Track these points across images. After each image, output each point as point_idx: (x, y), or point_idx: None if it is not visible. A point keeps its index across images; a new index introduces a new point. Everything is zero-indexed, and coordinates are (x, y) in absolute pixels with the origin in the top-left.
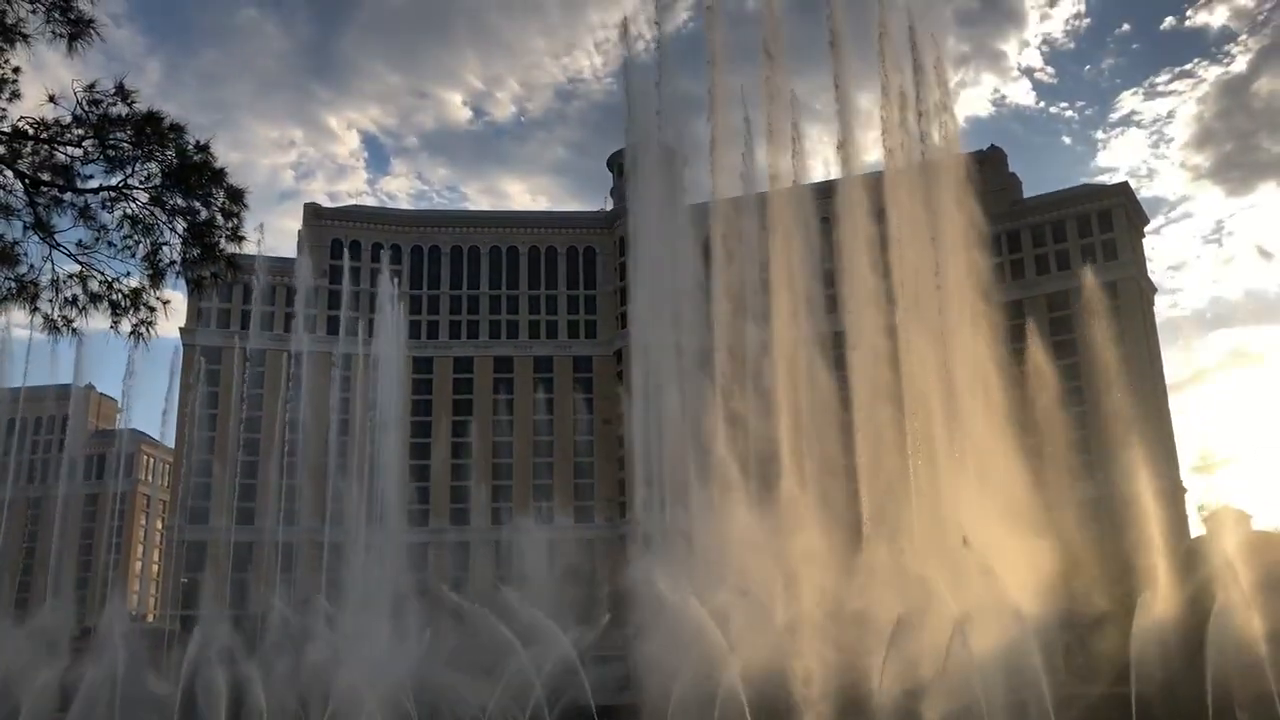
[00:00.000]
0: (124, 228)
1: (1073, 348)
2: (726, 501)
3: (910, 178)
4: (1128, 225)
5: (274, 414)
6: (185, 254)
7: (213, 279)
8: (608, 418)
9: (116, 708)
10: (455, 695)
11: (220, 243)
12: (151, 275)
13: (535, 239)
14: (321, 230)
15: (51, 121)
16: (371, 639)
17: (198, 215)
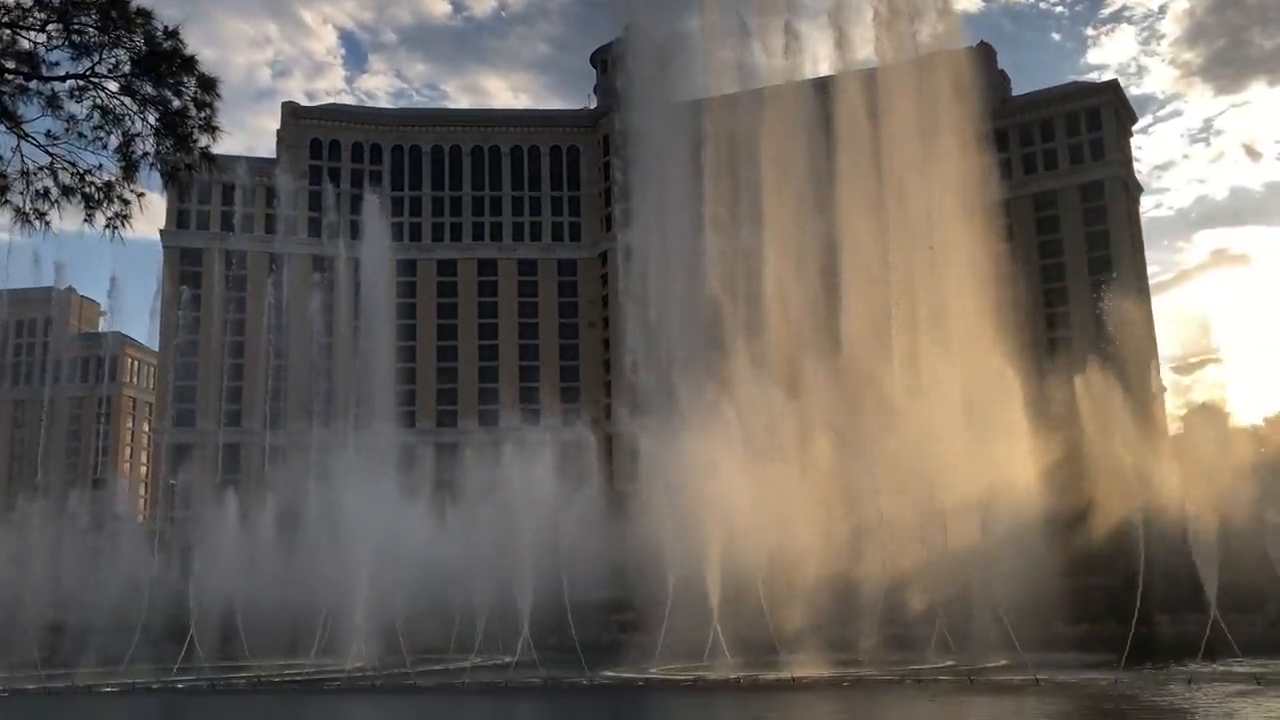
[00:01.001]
0: (94, 118)
1: (1058, 248)
2: (723, 397)
3: (903, 73)
4: (1116, 124)
5: (258, 316)
6: (158, 146)
7: (188, 172)
8: (593, 321)
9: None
10: (443, 595)
11: (194, 134)
12: (124, 168)
13: (518, 139)
14: (300, 130)
15: (13, 4)
16: (363, 539)
17: (169, 105)
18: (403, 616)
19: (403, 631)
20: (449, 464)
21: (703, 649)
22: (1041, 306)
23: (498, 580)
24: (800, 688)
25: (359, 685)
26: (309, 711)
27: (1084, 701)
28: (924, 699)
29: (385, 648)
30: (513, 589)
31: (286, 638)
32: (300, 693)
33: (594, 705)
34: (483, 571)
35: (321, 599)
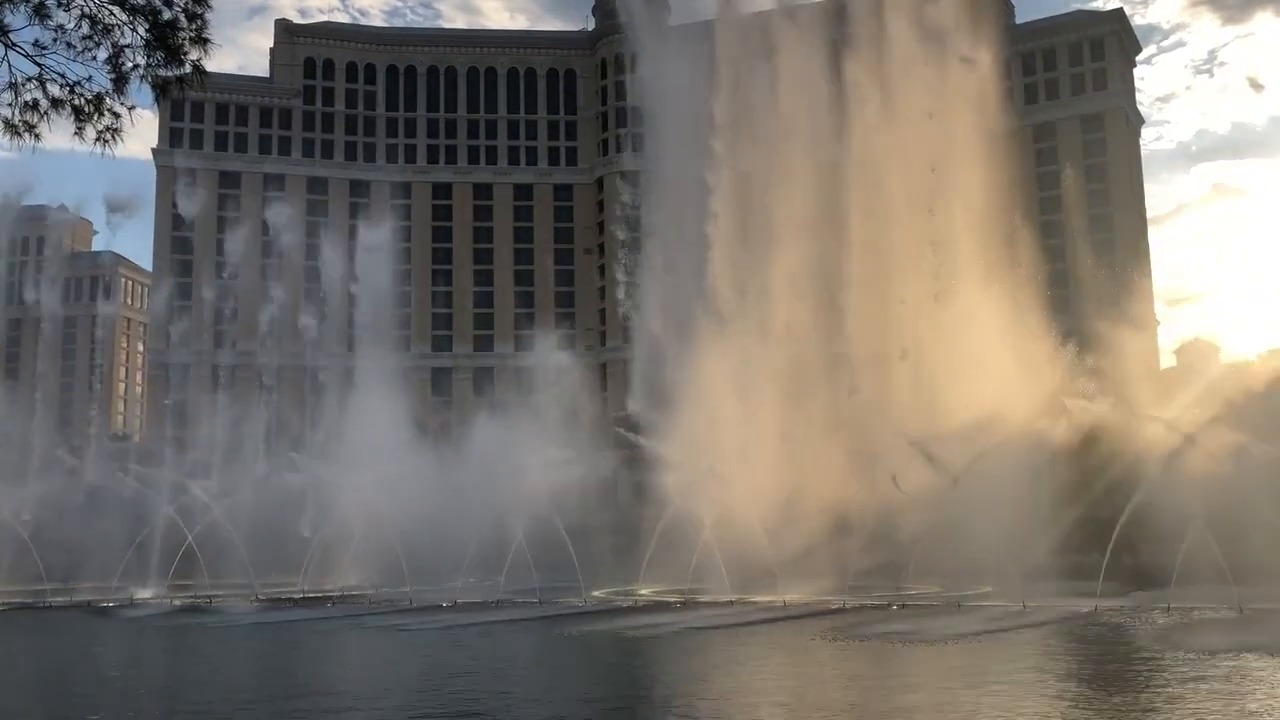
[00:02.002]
0: (82, 28)
1: (1057, 179)
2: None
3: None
4: (1119, 54)
5: (253, 236)
6: (149, 58)
7: (179, 86)
8: (589, 247)
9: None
10: (442, 518)
11: (184, 46)
12: (115, 80)
13: (514, 60)
14: (294, 49)
15: None
16: (359, 464)
17: (159, 16)
18: (401, 538)
19: (402, 554)
20: (444, 388)
21: (699, 571)
22: (1040, 239)
23: (495, 505)
24: (791, 612)
25: (349, 603)
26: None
27: (1060, 630)
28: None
29: (385, 569)
30: (509, 514)
31: (284, 558)
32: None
33: (586, 626)
34: (479, 496)
35: (320, 521)
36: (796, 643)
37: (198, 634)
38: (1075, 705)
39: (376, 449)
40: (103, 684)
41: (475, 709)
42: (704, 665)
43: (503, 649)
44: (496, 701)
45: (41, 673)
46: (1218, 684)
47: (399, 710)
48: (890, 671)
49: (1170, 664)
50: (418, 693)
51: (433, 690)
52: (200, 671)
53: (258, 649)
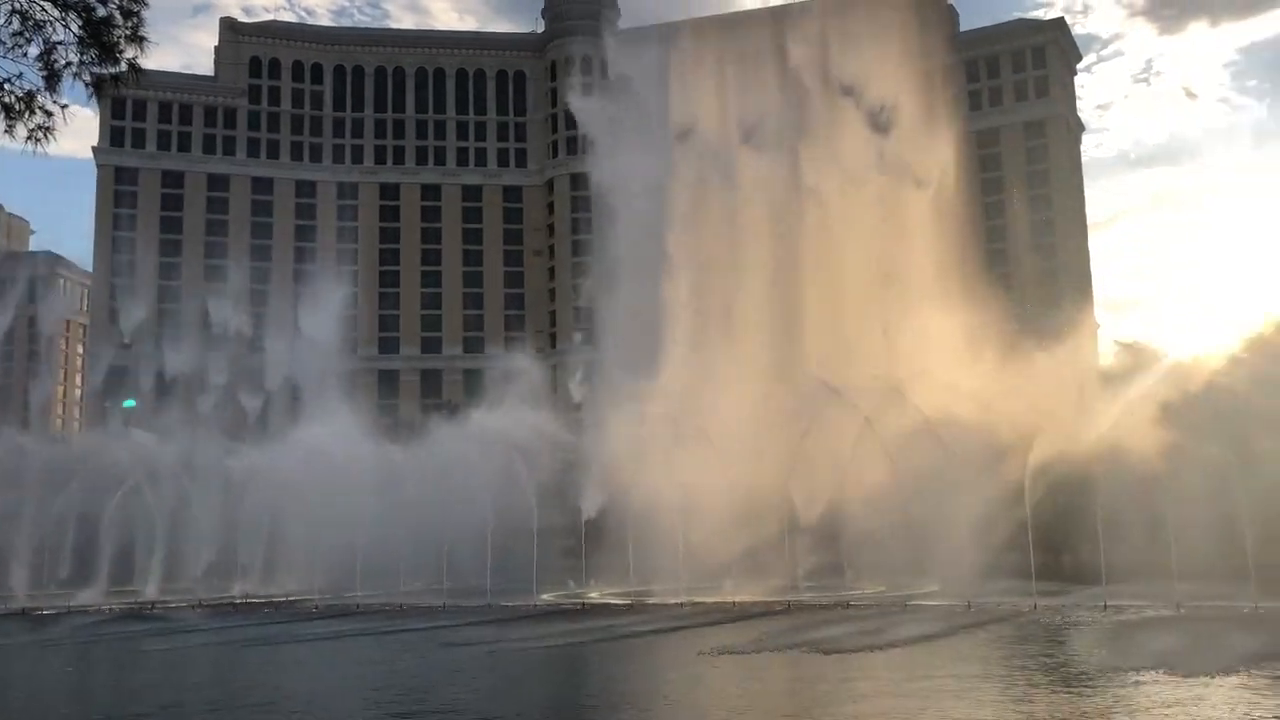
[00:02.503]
0: (12, 23)
1: (1000, 185)
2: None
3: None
4: (1060, 62)
5: (196, 236)
6: (82, 55)
7: (115, 84)
8: (538, 249)
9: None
10: (390, 522)
11: (119, 43)
12: (47, 77)
13: (463, 61)
14: (239, 48)
15: None
16: (304, 469)
17: (93, 13)
18: (351, 544)
19: (354, 559)
20: (390, 390)
21: (652, 572)
22: (983, 243)
23: (443, 509)
24: (737, 613)
25: (300, 609)
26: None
27: (1000, 624)
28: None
29: (334, 574)
30: (461, 517)
31: (226, 564)
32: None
33: (533, 629)
34: (424, 500)
35: (266, 527)
36: (733, 645)
37: (139, 647)
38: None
39: (323, 452)
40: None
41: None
42: (623, 674)
43: (407, 662)
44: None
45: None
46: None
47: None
48: (834, 677)
49: (1098, 667)
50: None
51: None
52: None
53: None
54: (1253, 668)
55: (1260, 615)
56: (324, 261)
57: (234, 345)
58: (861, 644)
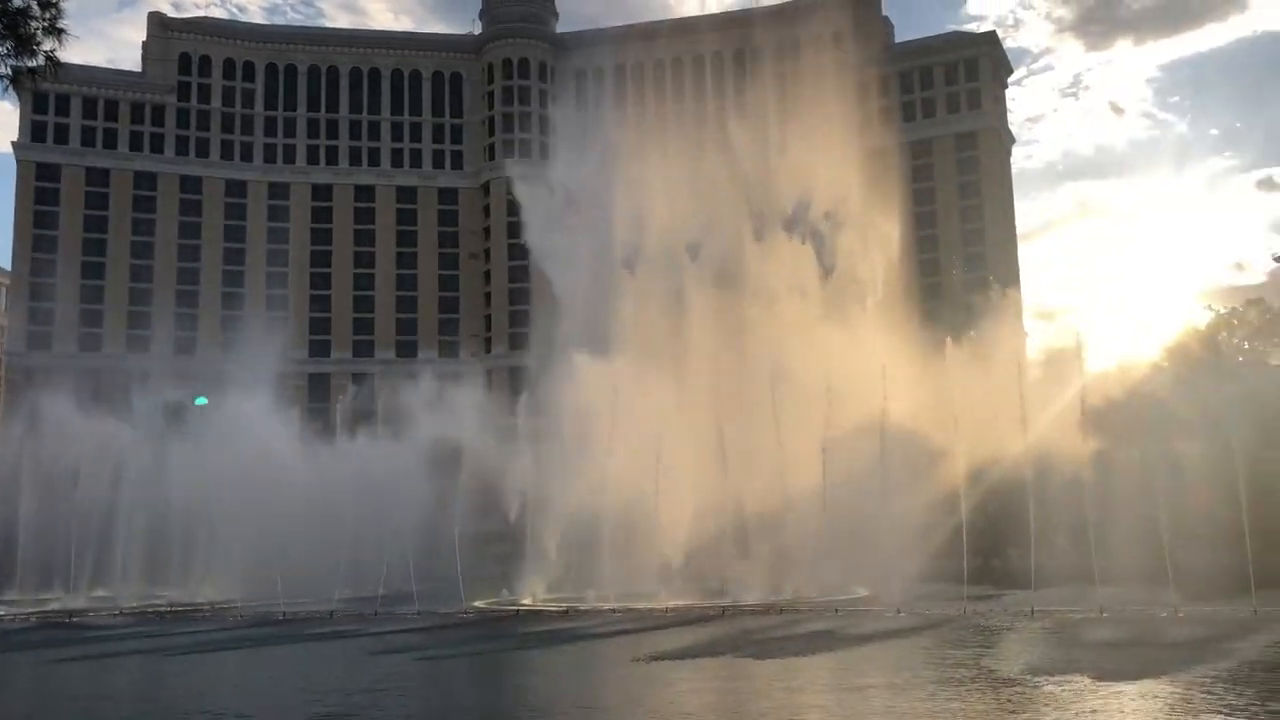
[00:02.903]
0: None
1: (932, 195)
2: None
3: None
4: (992, 75)
5: (122, 235)
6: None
7: (32, 78)
8: (474, 252)
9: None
10: (322, 528)
11: (37, 35)
12: None
13: (399, 61)
14: (169, 43)
15: None
16: (228, 472)
17: (9, 3)
18: (280, 549)
19: (279, 565)
20: (321, 394)
21: (585, 579)
22: (915, 253)
23: (376, 515)
24: (671, 619)
25: (217, 618)
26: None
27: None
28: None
29: (258, 581)
30: (393, 522)
31: (146, 570)
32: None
33: (462, 636)
34: (359, 506)
35: (189, 531)
36: (666, 651)
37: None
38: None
39: (250, 455)
40: None
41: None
42: (552, 681)
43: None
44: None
45: None
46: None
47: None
48: (766, 681)
49: (1023, 672)
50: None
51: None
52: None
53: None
54: (1173, 672)
55: (1180, 619)
56: (254, 262)
57: (161, 346)
58: (794, 649)
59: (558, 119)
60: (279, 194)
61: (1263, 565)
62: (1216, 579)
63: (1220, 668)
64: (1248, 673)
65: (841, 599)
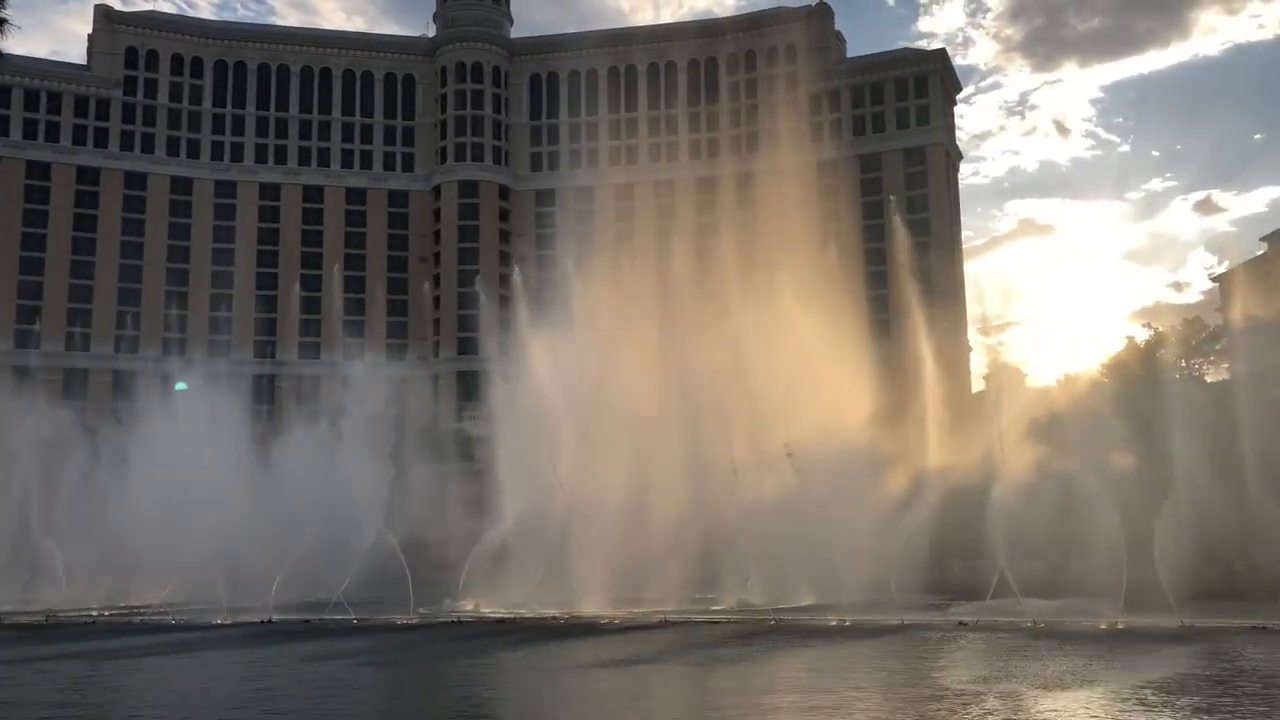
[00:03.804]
0: None
1: (881, 209)
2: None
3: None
4: (941, 92)
5: (63, 231)
6: None
7: None
8: (424, 255)
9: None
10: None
11: None
12: None
13: (351, 62)
14: (115, 37)
15: None
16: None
17: None
18: (220, 555)
19: (222, 570)
20: (266, 396)
21: (529, 587)
22: (863, 266)
23: (323, 519)
24: (617, 626)
25: (152, 624)
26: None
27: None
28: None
29: (200, 586)
30: (337, 528)
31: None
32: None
33: (404, 642)
34: (301, 509)
35: (132, 536)
36: (604, 659)
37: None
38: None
39: (190, 458)
40: None
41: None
42: (487, 689)
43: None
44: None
45: None
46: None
47: None
48: (704, 688)
49: (958, 683)
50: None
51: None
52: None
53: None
54: (1108, 685)
55: (1119, 632)
56: (199, 261)
57: (101, 344)
58: (729, 656)
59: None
60: (226, 192)
61: (1199, 580)
62: (1152, 592)
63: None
64: (1179, 684)
65: (784, 608)
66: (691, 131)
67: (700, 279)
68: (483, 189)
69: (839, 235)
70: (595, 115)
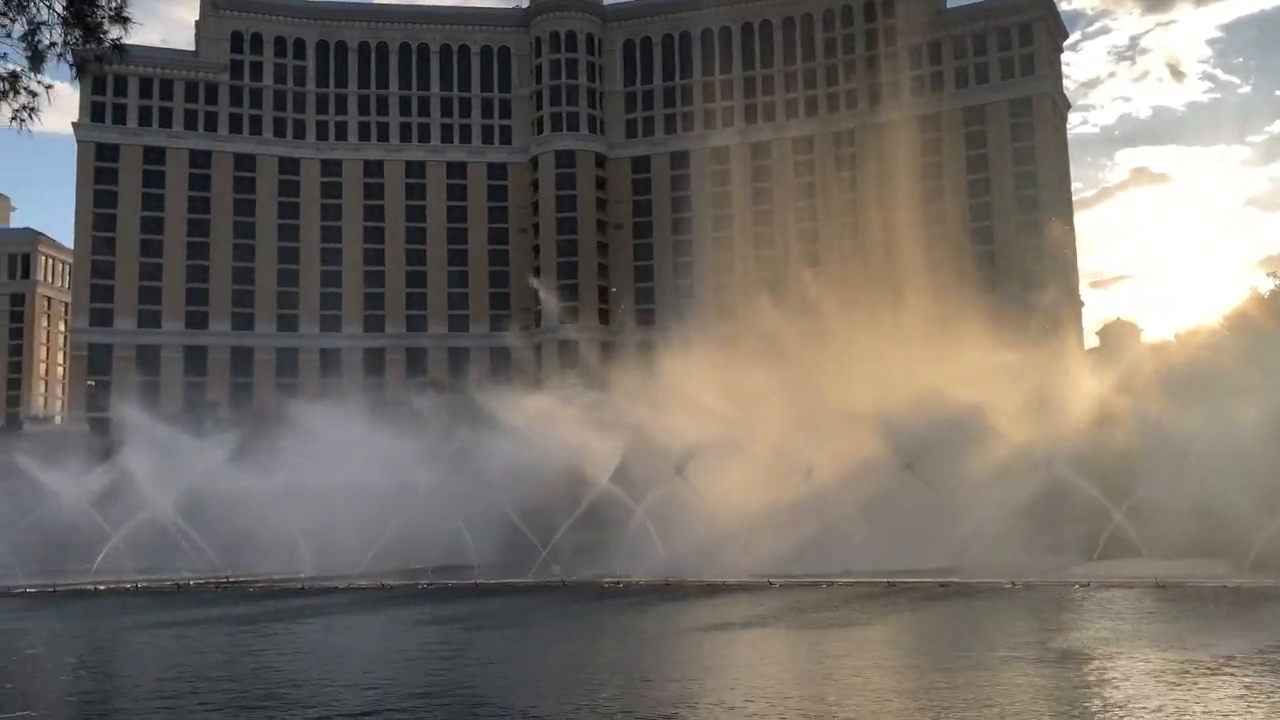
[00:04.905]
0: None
1: (986, 163)
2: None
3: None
4: (1047, 40)
5: (178, 213)
6: (67, 36)
7: (98, 63)
8: (523, 226)
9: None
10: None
11: (103, 24)
12: (31, 58)
13: (447, 36)
14: (221, 22)
15: None
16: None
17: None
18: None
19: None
20: (376, 369)
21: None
22: (967, 221)
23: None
24: (720, 589)
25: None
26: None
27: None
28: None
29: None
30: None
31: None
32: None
33: (527, 605)
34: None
35: (251, 510)
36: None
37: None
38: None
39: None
40: None
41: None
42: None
43: None
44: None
45: None
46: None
47: None
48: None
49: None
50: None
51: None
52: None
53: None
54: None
55: (1242, 591)
56: (308, 240)
57: (218, 322)
58: (840, 620)
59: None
60: (331, 171)
61: None
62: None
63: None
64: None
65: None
66: (788, 90)
67: (804, 242)
68: (579, 158)
69: (942, 190)
70: (689, 78)
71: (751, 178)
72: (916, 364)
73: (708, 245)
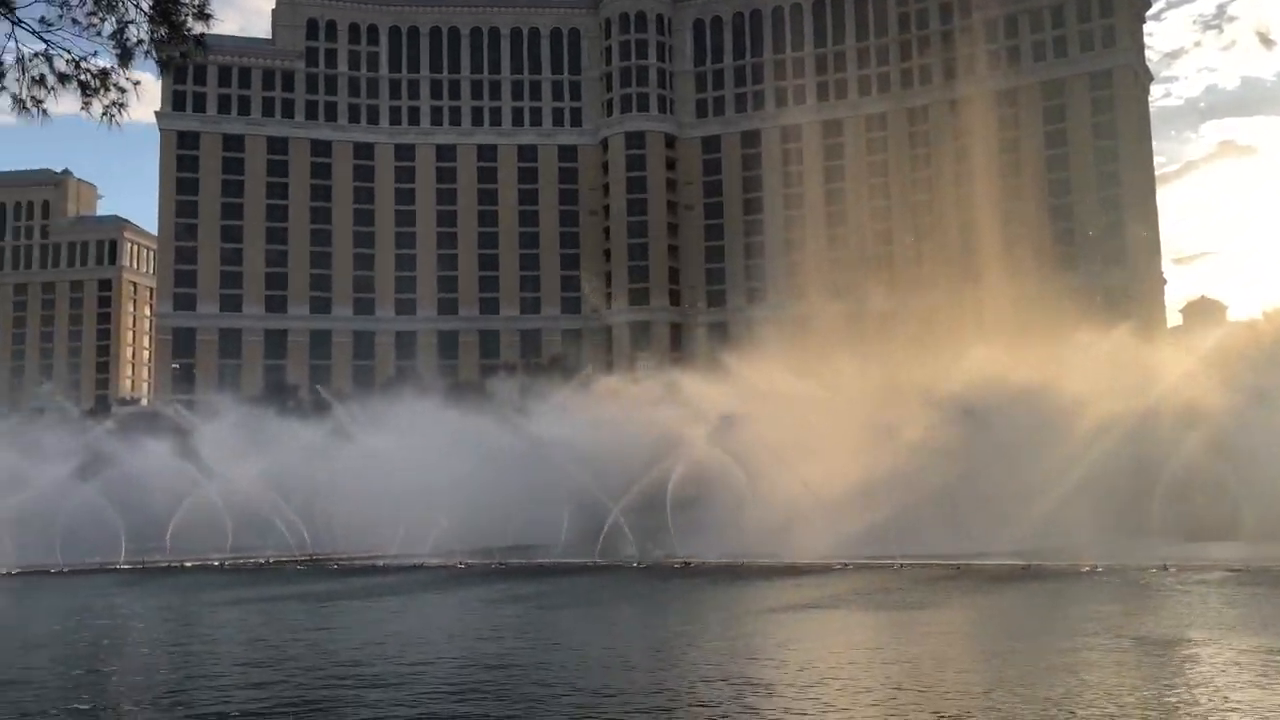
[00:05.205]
0: (87, 4)
1: (1065, 138)
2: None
3: None
4: (1128, 10)
5: (257, 199)
6: (153, 33)
7: (182, 59)
8: (594, 209)
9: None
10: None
11: (187, 21)
12: (120, 55)
13: (518, 19)
14: (296, 10)
15: None
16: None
17: None
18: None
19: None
20: (450, 351)
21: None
22: (1047, 197)
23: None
24: (789, 570)
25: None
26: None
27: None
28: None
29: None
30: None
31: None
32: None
33: (592, 584)
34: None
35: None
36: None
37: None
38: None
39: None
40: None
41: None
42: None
43: None
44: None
45: None
46: None
47: None
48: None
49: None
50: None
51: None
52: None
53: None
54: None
55: None
56: (383, 224)
57: (296, 305)
58: (913, 602)
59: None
60: (405, 155)
61: None
62: None
63: None
64: None
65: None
66: (861, 67)
67: (877, 221)
68: (649, 139)
69: (1019, 167)
70: (760, 57)
71: (824, 156)
72: (998, 344)
73: (779, 225)
